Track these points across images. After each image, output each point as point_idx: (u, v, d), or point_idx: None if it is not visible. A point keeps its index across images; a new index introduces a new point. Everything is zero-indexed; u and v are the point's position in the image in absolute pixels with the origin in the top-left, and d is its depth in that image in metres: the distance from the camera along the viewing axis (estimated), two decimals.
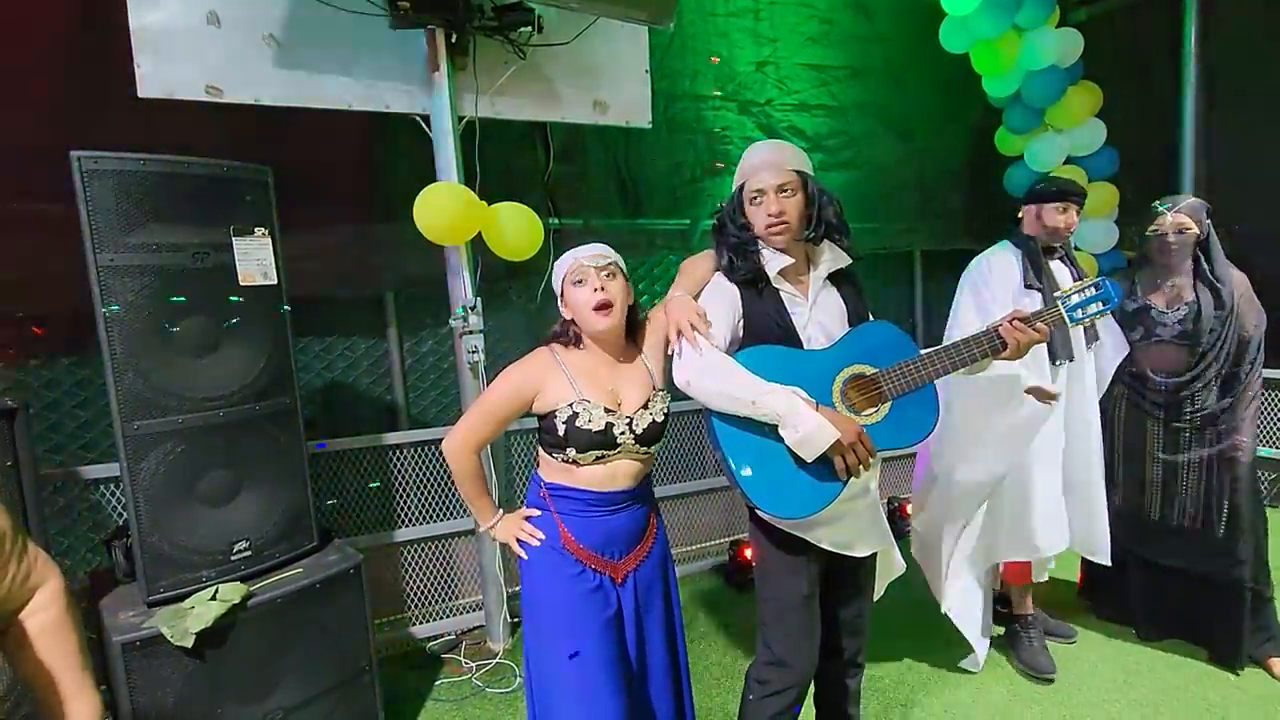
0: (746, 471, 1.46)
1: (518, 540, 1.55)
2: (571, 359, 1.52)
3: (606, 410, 1.46)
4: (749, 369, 1.45)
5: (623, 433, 1.47)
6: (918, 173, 4.23)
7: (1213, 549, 2.34)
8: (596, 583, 1.51)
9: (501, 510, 1.63)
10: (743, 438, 1.47)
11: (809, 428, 1.37)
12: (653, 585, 1.59)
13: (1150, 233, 2.35)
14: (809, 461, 1.41)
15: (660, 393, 1.55)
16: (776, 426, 1.41)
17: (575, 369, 1.50)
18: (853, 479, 1.44)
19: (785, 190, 1.51)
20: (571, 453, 1.46)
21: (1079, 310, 1.54)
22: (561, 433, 1.45)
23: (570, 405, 1.45)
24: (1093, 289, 1.53)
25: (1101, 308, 1.53)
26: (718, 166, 3.59)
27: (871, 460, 1.42)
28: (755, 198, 1.53)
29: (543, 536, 1.52)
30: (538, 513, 1.56)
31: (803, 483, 1.44)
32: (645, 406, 1.51)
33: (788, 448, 1.42)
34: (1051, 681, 2.36)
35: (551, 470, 1.54)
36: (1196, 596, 2.40)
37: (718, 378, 1.44)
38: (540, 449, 1.56)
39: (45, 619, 1.04)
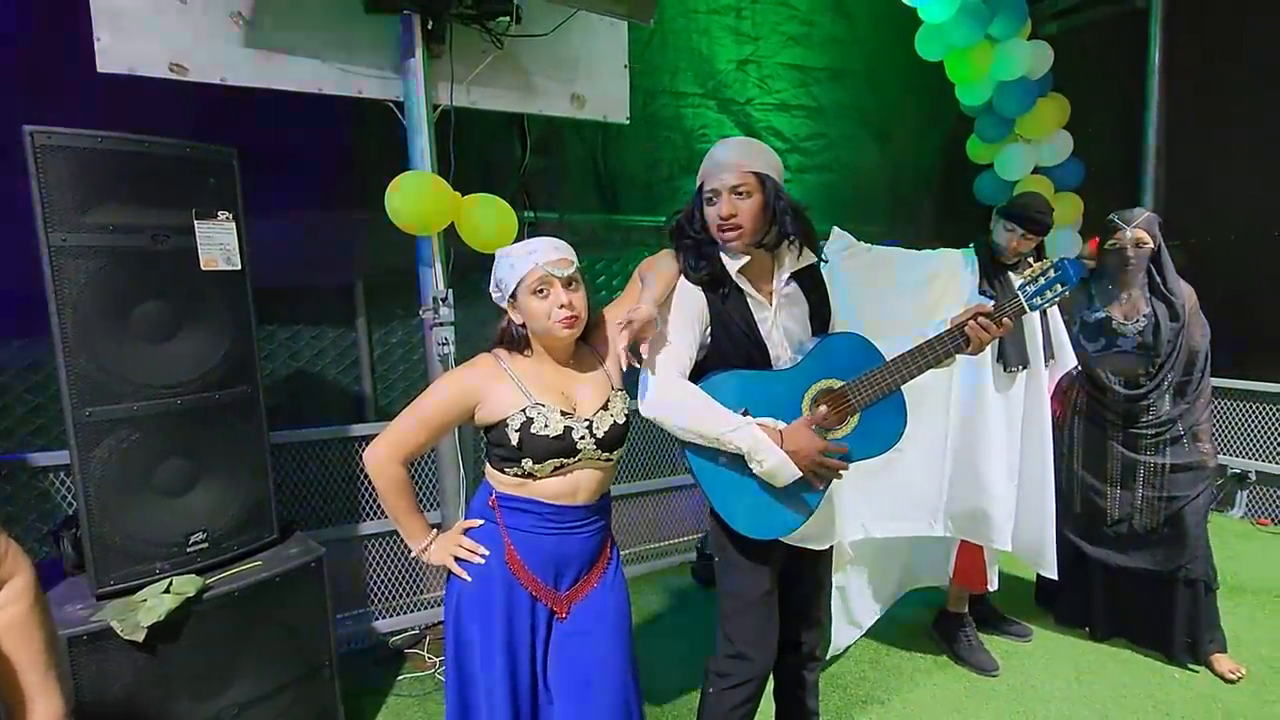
0: (724, 502, 1.50)
1: (457, 560, 1.41)
2: (519, 365, 1.41)
3: (563, 414, 1.36)
4: (719, 396, 1.46)
5: (583, 437, 1.36)
6: (893, 177, 4.29)
7: (1172, 549, 2.42)
8: (531, 615, 1.40)
9: (435, 530, 1.47)
10: (717, 470, 1.50)
11: (772, 463, 1.42)
12: (603, 614, 1.46)
13: (1109, 246, 2.39)
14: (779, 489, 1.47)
15: (619, 392, 1.46)
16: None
17: (524, 375, 1.39)
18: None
19: (740, 192, 1.44)
20: (528, 464, 1.35)
21: (1038, 297, 1.51)
22: (515, 442, 1.33)
23: (523, 411, 1.34)
24: (1052, 271, 1.49)
25: (1060, 289, 1.50)
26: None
27: (844, 469, 1.47)
28: (711, 198, 1.48)
29: (485, 553, 1.39)
30: (479, 523, 1.43)
31: (778, 506, 1.50)
32: (605, 408, 1.42)
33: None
34: (996, 676, 2.44)
35: (503, 483, 1.42)
36: (1154, 596, 2.47)
37: (685, 414, 1.44)
38: (488, 465, 1.43)
39: (12, 614, 0.99)
